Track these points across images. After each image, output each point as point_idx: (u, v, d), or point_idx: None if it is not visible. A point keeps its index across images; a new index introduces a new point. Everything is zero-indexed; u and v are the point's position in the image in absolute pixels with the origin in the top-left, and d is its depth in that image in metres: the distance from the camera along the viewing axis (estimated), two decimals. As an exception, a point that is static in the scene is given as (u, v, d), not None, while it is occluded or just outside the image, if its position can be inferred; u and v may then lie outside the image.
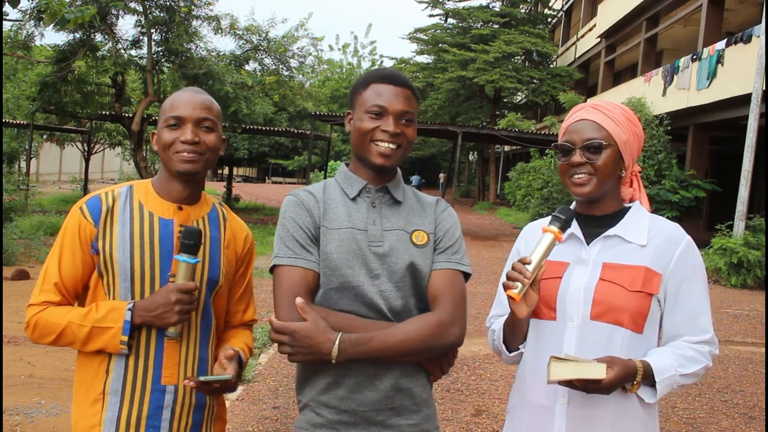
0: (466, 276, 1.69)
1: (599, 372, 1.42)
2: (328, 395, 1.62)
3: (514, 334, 1.69)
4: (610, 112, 1.64)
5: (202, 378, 1.55)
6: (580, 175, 1.63)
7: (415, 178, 37.23)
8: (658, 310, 1.60)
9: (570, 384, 1.46)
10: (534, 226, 1.82)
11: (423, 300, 1.66)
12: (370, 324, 1.57)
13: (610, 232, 1.64)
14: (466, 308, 1.66)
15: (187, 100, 1.66)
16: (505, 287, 1.55)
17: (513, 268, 1.54)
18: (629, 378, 1.50)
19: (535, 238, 1.62)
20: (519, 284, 1.52)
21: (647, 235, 1.62)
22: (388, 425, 1.62)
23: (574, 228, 1.68)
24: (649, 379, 1.52)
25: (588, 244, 1.65)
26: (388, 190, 1.70)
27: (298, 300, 1.52)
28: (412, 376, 1.65)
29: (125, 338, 1.57)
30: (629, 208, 1.69)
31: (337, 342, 1.49)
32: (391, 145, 1.63)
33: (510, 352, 1.73)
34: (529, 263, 1.53)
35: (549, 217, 1.67)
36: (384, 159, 1.63)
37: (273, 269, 1.62)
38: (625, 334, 1.55)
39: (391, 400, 1.62)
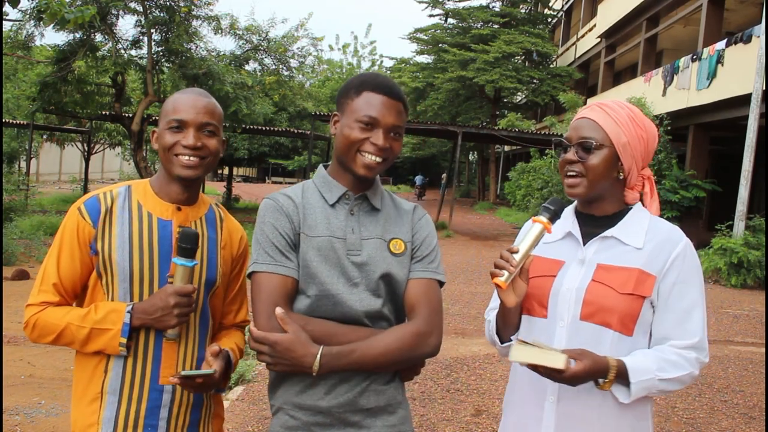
0: (441, 284, 1.71)
1: (558, 362, 1.40)
2: (302, 397, 1.61)
3: (505, 324, 1.69)
4: (613, 112, 1.60)
5: (183, 372, 1.54)
6: (571, 174, 1.62)
7: (418, 178, 37.36)
8: (650, 312, 1.59)
9: (535, 369, 1.46)
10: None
11: (399, 308, 1.67)
12: (349, 331, 1.57)
13: (608, 233, 1.62)
14: (443, 317, 1.67)
15: (190, 104, 1.64)
16: (492, 275, 1.56)
17: (501, 257, 1.55)
18: (599, 374, 1.48)
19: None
20: (505, 272, 1.53)
21: (644, 238, 1.60)
22: (364, 426, 1.62)
23: (573, 227, 1.67)
24: (624, 379, 1.51)
25: (585, 244, 1.64)
26: (367, 198, 1.68)
27: (278, 310, 1.51)
28: (386, 378, 1.65)
29: (124, 340, 1.57)
30: (631, 209, 1.66)
31: (318, 355, 1.49)
32: (377, 159, 1.61)
33: (502, 342, 1.73)
34: (516, 252, 1.54)
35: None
36: (368, 171, 1.61)
37: (251, 275, 1.60)
38: (613, 335, 1.55)
39: (366, 401, 1.62)
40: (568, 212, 1.71)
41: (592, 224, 1.66)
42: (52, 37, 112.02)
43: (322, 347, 1.51)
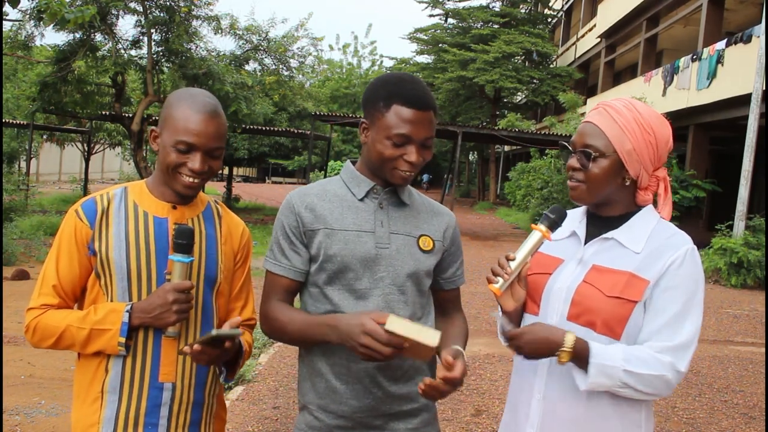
0: None
1: (431, 338, 1.38)
2: (326, 400, 1.63)
3: (509, 324, 1.69)
4: (619, 116, 1.56)
5: (213, 332, 1.47)
6: (573, 180, 1.62)
7: (425, 176, 37.95)
8: (642, 317, 1.54)
9: (409, 350, 1.44)
10: None
11: (422, 304, 1.70)
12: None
13: (608, 234, 1.60)
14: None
15: (202, 128, 1.59)
16: (488, 281, 1.56)
17: (498, 264, 1.55)
18: (554, 342, 1.45)
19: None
20: (500, 279, 1.54)
21: (645, 243, 1.56)
22: (386, 429, 1.64)
23: (579, 227, 1.66)
24: (584, 361, 1.46)
25: (587, 243, 1.63)
26: (396, 192, 1.70)
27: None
28: (410, 382, 1.66)
29: (123, 340, 1.57)
30: (639, 211, 1.62)
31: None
32: (412, 172, 1.63)
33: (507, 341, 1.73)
34: (513, 260, 1.54)
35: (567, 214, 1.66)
36: (403, 181, 1.64)
37: None
38: (597, 338, 1.52)
39: (389, 407, 1.63)
40: (579, 212, 1.70)
41: (599, 225, 1.64)
42: (52, 37, 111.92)
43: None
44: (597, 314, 1.52)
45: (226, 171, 27.26)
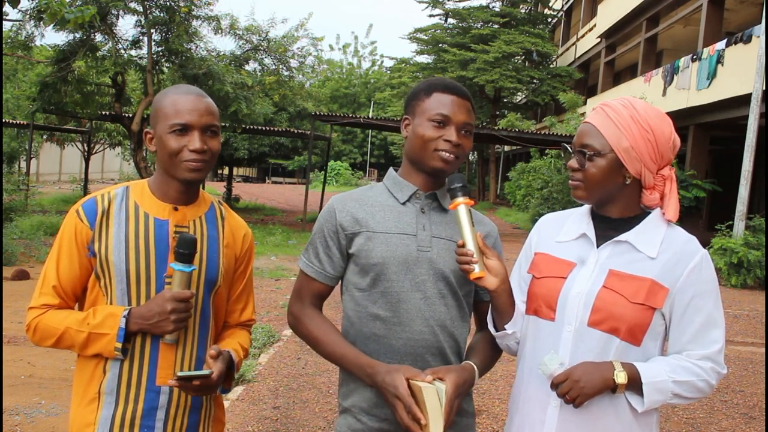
0: None
1: (437, 428, 1.45)
2: (369, 403, 1.65)
3: (497, 312, 1.68)
4: (615, 114, 1.55)
5: (180, 373, 1.52)
6: (573, 180, 1.62)
7: None
8: (661, 324, 1.55)
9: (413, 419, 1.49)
10: (548, 218, 1.79)
11: (462, 317, 1.71)
12: (336, 343, 1.66)
13: (622, 237, 1.57)
14: None
15: (192, 106, 1.61)
16: (468, 273, 1.58)
17: (459, 256, 1.58)
18: (605, 370, 1.47)
19: (549, 229, 1.70)
20: (474, 266, 1.56)
21: (659, 247, 1.55)
22: None
23: (587, 228, 1.64)
24: (635, 382, 1.49)
25: (598, 246, 1.61)
26: (437, 197, 1.72)
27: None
28: None
29: (119, 345, 1.56)
30: (648, 213, 1.61)
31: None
32: (452, 155, 1.64)
33: (497, 330, 1.71)
34: (463, 245, 1.57)
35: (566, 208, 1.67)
36: (444, 164, 1.65)
37: None
38: (620, 344, 1.52)
39: None
40: (584, 213, 1.69)
41: (607, 227, 1.62)
42: (52, 37, 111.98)
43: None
44: (622, 321, 1.52)
45: (226, 171, 27.24)
